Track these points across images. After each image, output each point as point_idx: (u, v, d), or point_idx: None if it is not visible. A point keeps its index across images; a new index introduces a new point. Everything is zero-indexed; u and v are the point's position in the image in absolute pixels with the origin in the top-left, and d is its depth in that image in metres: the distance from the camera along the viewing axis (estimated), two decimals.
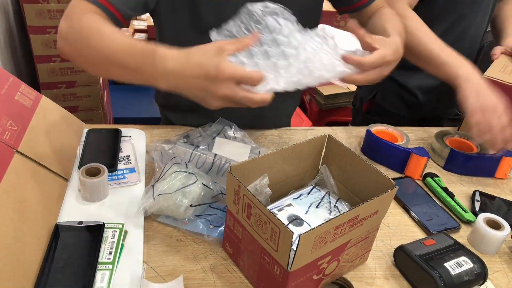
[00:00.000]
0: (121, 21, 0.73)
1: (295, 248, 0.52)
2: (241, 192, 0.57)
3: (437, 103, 1.28)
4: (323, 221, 0.53)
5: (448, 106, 1.36)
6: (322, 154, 0.74)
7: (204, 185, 0.72)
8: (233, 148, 0.82)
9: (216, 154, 0.77)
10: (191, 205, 0.69)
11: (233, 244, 0.66)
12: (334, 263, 0.62)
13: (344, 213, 0.55)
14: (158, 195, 0.69)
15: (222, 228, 0.71)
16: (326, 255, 0.59)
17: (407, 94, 1.25)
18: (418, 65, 0.99)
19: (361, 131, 1.07)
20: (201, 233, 0.70)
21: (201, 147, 0.81)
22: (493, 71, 1.01)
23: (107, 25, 0.67)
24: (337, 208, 0.69)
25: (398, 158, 0.92)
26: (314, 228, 0.52)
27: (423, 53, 0.94)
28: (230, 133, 0.88)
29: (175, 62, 0.58)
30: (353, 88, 2.30)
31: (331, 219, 0.53)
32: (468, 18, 1.14)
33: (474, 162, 0.93)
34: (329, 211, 0.68)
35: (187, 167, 0.74)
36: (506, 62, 1.05)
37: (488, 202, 0.85)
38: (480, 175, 0.95)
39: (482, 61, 1.75)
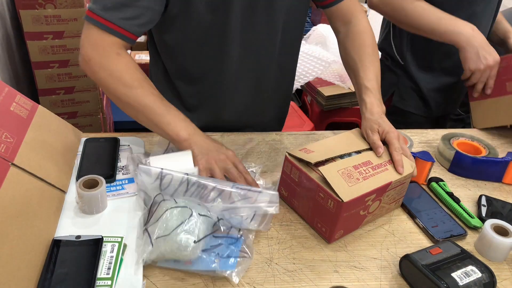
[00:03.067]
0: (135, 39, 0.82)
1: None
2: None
3: (445, 103, 1.28)
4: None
5: (454, 105, 1.35)
6: None
7: (202, 215, 0.68)
8: (172, 159, 0.75)
9: (186, 173, 0.70)
10: (194, 242, 0.64)
11: (289, 188, 0.78)
12: (377, 202, 0.74)
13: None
14: (156, 238, 0.63)
15: (231, 258, 0.66)
16: (371, 192, 0.71)
17: (426, 95, 1.24)
18: (423, 35, 1.11)
19: None
20: (212, 270, 0.64)
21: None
22: None
23: (149, 84, 0.80)
24: None
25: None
26: (335, 163, 0.73)
27: (424, 27, 1.08)
28: None
29: (201, 134, 0.80)
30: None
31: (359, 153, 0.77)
32: (480, 15, 1.14)
33: (481, 166, 0.92)
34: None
35: (176, 202, 0.68)
36: None
37: (495, 207, 0.84)
38: (486, 179, 0.93)
39: None
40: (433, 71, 1.22)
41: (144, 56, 2.68)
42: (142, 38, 2.90)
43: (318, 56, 2.27)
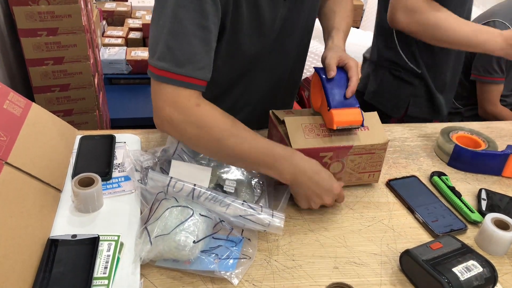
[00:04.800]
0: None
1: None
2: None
3: (451, 102, 1.28)
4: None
5: (451, 100, 1.35)
6: None
7: (203, 215, 0.67)
8: (192, 171, 0.74)
9: (195, 184, 0.69)
10: (193, 242, 0.63)
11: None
12: (338, 164, 0.79)
13: None
14: (155, 237, 0.63)
15: (230, 260, 0.65)
16: (326, 149, 0.77)
17: (438, 98, 1.23)
18: (456, 48, 1.12)
19: None
20: (211, 271, 0.63)
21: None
22: None
23: (241, 129, 0.74)
24: None
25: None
26: (301, 117, 0.79)
27: (461, 41, 1.05)
28: None
29: (309, 164, 0.74)
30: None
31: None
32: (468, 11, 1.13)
33: (480, 159, 0.91)
34: None
35: (177, 201, 0.67)
36: None
37: (495, 201, 0.83)
38: (486, 173, 0.93)
39: (481, 56, 1.74)
40: (444, 72, 1.22)
41: (140, 53, 2.67)
42: (138, 35, 2.88)
43: (315, 52, 2.26)
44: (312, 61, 2.26)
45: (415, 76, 1.20)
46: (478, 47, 1.04)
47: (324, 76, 0.79)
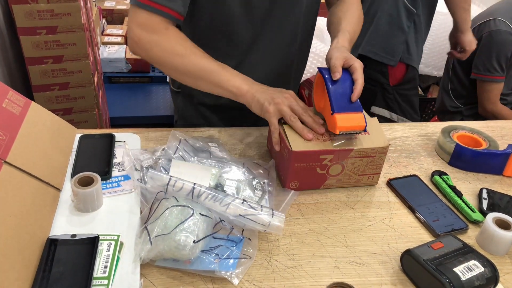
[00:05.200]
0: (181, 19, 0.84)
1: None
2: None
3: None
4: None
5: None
6: None
7: (203, 215, 0.66)
8: (192, 170, 0.75)
9: (195, 183, 0.69)
10: (194, 241, 0.63)
11: (269, 141, 0.86)
12: (338, 166, 0.79)
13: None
14: (155, 236, 0.62)
15: (230, 259, 0.65)
16: (327, 152, 0.76)
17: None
18: None
19: None
20: (211, 271, 0.62)
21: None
22: None
23: (201, 50, 0.82)
24: None
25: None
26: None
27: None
28: (215, 150, 0.85)
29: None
30: None
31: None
32: None
33: (481, 159, 0.91)
34: None
35: (177, 201, 0.67)
36: None
37: (496, 200, 0.83)
38: (487, 172, 0.92)
39: (481, 50, 1.74)
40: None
41: None
42: None
43: (315, 51, 2.26)
44: (312, 61, 2.26)
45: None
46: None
47: (328, 78, 0.77)
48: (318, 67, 0.81)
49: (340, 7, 0.98)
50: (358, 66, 0.78)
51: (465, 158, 0.92)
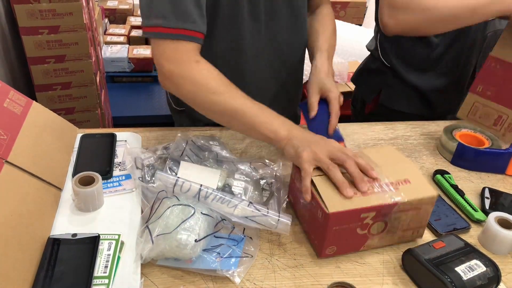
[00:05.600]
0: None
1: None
2: None
3: (446, 103, 1.24)
4: None
5: (454, 104, 1.32)
6: None
7: (204, 214, 0.66)
8: (200, 172, 0.74)
9: (201, 184, 0.69)
10: (195, 240, 0.63)
11: (294, 195, 0.74)
12: (381, 224, 0.66)
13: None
14: (157, 236, 0.62)
15: (232, 258, 0.64)
16: (368, 209, 0.64)
17: (418, 95, 1.19)
18: (465, 25, 0.97)
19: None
20: (213, 270, 0.62)
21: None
22: (498, 50, 0.95)
23: (235, 88, 0.76)
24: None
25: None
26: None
27: (466, 14, 0.94)
28: (216, 148, 0.84)
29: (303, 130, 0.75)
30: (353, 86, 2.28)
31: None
32: None
33: (483, 158, 0.90)
34: None
35: (178, 200, 0.67)
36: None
37: (498, 200, 0.82)
38: (489, 171, 0.92)
39: (485, 51, 1.73)
40: (427, 71, 1.18)
41: (142, 51, 2.66)
42: (140, 33, 2.87)
43: None
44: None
45: (387, 69, 1.19)
46: (492, 12, 0.90)
47: (306, 115, 0.83)
48: (299, 104, 0.85)
49: (316, 19, 1.01)
50: (332, 97, 0.83)
51: (468, 157, 0.91)
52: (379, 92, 1.22)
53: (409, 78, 1.16)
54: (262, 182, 0.79)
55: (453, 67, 1.13)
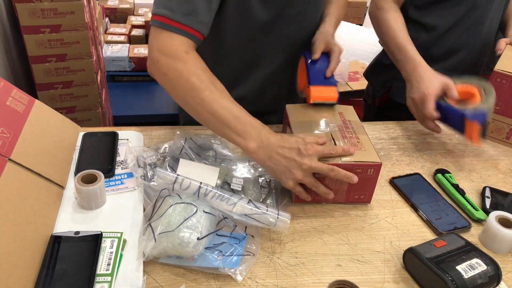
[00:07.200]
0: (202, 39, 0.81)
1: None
2: None
3: None
4: None
5: None
6: None
7: (206, 212, 0.67)
8: (199, 170, 0.75)
9: (201, 182, 0.69)
10: (197, 238, 0.63)
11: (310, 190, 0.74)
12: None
13: None
14: (159, 234, 0.63)
15: (234, 256, 0.65)
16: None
17: None
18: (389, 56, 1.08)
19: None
20: (215, 267, 0.63)
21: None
22: (503, 64, 0.97)
23: (219, 87, 0.75)
24: None
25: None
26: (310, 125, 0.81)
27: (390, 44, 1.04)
28: (218, 147, 0.84)
29: (276, 137, 0.73)
30: (355, 87, 2.29)
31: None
32: (482, 9, 1.10)
33: (445, 112, 0.89)
34: None
35: (181, 198, 0.67)
36: None
37: (499, 199, 0.82)
38: (453, 128, 0.91)
39: (492, 56, 1.71)
40: (435, 63, 1.19)
41: (142, 50, 2.66)
42: (141, 32, 2.88)
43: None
44: None
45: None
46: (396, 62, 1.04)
47: (308, 58, 0.88)
48: (303, 51, 0.89)
49: None
50: (336, 50, 0.89)
51: (440, 111, 0.90)
52: (390, 87, 1.25)
53: None
54: (260, 180, 0.79)
55: (462, 64, 1.14)
